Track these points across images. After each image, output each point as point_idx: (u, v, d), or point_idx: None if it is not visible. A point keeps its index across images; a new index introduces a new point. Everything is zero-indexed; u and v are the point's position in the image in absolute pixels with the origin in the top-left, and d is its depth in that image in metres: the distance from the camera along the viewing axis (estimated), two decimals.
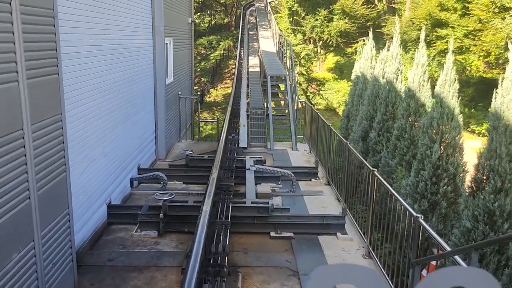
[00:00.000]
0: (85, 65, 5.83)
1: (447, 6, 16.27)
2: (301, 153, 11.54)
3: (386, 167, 7.26)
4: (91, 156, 6.13)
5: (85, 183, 5.94)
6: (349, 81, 26.75)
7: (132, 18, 8.41)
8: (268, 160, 10.57)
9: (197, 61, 42.62)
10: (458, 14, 16.07)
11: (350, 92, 11.16)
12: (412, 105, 7.01)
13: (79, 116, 5.65)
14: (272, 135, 11.91)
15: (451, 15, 16.03)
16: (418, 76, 7.04)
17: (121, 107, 7.82)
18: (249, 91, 16.58)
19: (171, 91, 11.34)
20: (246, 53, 24.02)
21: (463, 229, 4.85)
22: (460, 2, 15.90)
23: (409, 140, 6.93)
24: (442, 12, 16.23)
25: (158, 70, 10.03)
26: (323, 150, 9.66)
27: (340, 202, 7.80)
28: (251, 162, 8.76)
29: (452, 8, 16.20)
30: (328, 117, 24.22)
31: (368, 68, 9.80)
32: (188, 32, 14.35)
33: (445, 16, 16.06)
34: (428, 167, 5.73)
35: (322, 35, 28.00)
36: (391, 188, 5.45)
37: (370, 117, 8.67)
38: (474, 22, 15.15)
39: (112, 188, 7.20)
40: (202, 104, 29.76)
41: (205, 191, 5.64)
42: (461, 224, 4.90)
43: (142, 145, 9.20)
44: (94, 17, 6.17)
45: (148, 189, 8.39)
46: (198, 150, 11.53)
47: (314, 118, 10.81)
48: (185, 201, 6.68)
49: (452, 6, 16.13)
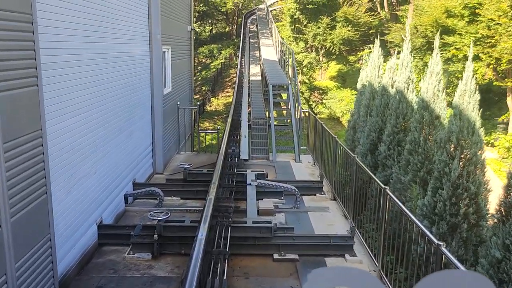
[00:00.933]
0: (72, 75, 5.39)
1: (454, 12, 15.83)
2: (304, 165, 11.07)
3: (398, 184, 6.77)
4: (79, 174, 5.68)
5: (73, 203, 5.48)
6: (352, 90, 26.33)
7: (127, 25, 8.01)
8: (271, 173, 10.11)
9: (198, 70, 42.40)
10: (466, 21, 15.65)
11: (355, 102, 10.69)
12: (426, 117, 6.52)
13: (64, 130, 5.20)
14: (274, 146, 11.45)
15: (458, 22, 15.59)
16: (432, 86, 6.56)
17: (114, 119, 7.39)
18: (251, 100, 16.17)
19: (169, 101, 10.91)
20: (247, 61, 23.67)
21: (491, 259, 4.36)
22: (467, 8, 15.48)
23: (423, 155, 6.43)
24: (449, 19, 15.78)
25: (155, 79, 9.61)
26: (328, 163, 9.19)
27: (347, 219, 7.32)
28: (253, 176, 8.30)
29: (459, 14, 15.78)
30: (331, 127, 23.76)
31: (375, 76, 9.32)
32: (188, 40, 13.97)
33: (452, 22, 15.60)
34: (447, 186, 5.24)
35: (324, 43, 27.50)
36: (405, 207, 4.98)
37: (379, 129, 8.18)
38: (483, 29, 14.71)
39: (104, 206, 6.74)
40: (203, 114, 29.38)
41: (201, 214, 5.16)
42: (489, 253, 4.41)
43: (138, 159, 8.76)
44: (83, 23, 5.75)
45: (144, 205, 7.92)
46: (198, 162, 11.08)
47: (318, 128, 10.36)
48: (182, 221, 6.21)
49: (459, 12, 15.70)
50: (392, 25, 24.23)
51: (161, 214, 6.14)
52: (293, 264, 5.90)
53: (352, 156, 6.61)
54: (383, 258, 5.49)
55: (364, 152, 8.36)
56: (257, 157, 11.60)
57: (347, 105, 24.54)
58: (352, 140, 10.05)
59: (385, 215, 5.29)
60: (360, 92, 10.23)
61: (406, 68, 7.63)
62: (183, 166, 8.58)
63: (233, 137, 10.78)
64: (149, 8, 9.25)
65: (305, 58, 28.95)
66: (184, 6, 13.25)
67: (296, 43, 30.20)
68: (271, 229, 6.01)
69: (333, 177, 8.36)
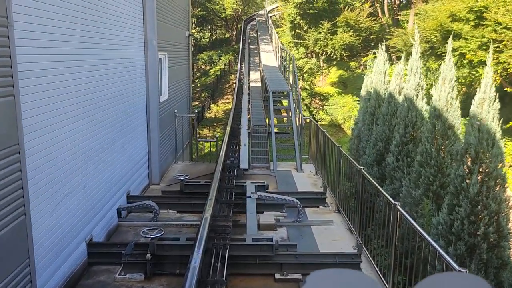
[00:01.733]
0: (56, 84, 5.01)
1: (459, 16, 15.39)
2: (306, 174, 10.67)
3: (409, 198, 6.35)
4: (65, 190, 5.28)
5: (58, 221, 5.09)
6: (354, 96, 25.93)
7: (120, 30, 7.66)
8: (271, 183, 9.71)
9: (197, 76, 42.14)
10: (471, 25, 15.23)
11: (360, 110, 10.27)
12: (439, 127, 6.09)
13: (47, 144, 4.82)
14: (275, 155, 11.06)
15: (463, 26, 15.15)
16: (445, 93, 6.13)
17: (106, 129, 7.01)
18: (250, 107, 15.81)
19: (166, 109, 10.54)
20: (247, 67, 23.33)
21: None
22: (473, 12, 15.06)
23: (435, 168, 6.01)
24: (454, 23, 15.34)
25: (151, 87, 9.24)
26: (331, 173, 8.80)
27: (353, 233, 6.91)
28: (253, 188, 7.90)
29: (464, 18, 15.35)
30: (333, 133, 23.35)
31: (381, 83, 8.89)
32: (186, 46, 13.62)
33: (457, 27, 15.16)
34: (465, 203, 4.81)
35: (325, 49, 26.98)
36: (416, 223, 4.58)
37: (386, 138, 7.75)
38: (489, 33, 14.28)
39: (95, 221, 6.34)
40: (202, 120, 29.01)
41: (196, 236, 4.74)
42: None
43: (132, 170, 8.37)
44: (69, 28, 5.38)
45: (138, 219, 7.53)
46: (196, 172, 10.69)
47: (320, 137, 9.97)
48: (176, 238, 5.80)
49: (464, 16, 15.27)
50: (394, 30, 23.81)
51: (154, 231, 5.74)
52: (296, 284, 5.50)
53: (358, 167, 6.21)
54: (393, 278, 5.09)
55: (370, 163, 7.92)
56: (257, 166, 11.21)
57: (349, 112, 24.08)
58: (357, 150, 9.62)
59: (396, 232, 4.89)
60: (365, 99, 9.80)
61: (415, 74, 7.21)
62: (180, 177, 8.18)
63: (232, 146, 10.36)
64: (144, 13, 8.90)
65: (306, 64, 28.40)
66: (181, 11, 12.92)
67: (296, 49, 29.66)
68: (273, 247, 5.61)
69: (337, 188, 7.96)
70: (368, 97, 9.49)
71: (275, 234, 6.95)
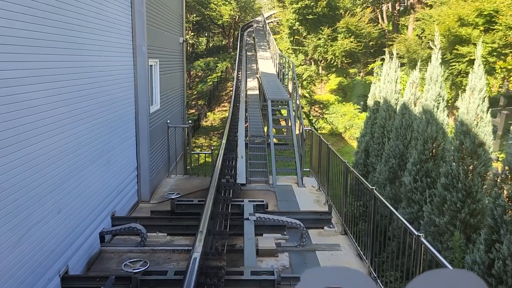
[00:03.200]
0: (26, 95, 4.31)
1: (468, 21, 14.68)
2: (308, 189, 9.96)
3: (431, 227, 5.60)
4: (34, 217, 4.56)
5: (24, 256, 4.35)
6: (355, 104, 25.23)
7: (105, 35, 6.98)
8: (271, 200, 9.00)
9: (194, 83, 41.53)
10: (480, 30, 14.55)
11: (367, 120, 9.54)
12: (467, 144, 5.34)
13: (15, 164, 4.11)
14: (274, 169, 10.34)
15: (472, 31, 14.45)
16: (474, 105, 5.37)
17: (88, 144, 6.30)
18: (248, 115, 15.13)
19: (157, 120, 9.83)
20: (244, 75, 22.69)
21: None
22: (482, 16, 14.37)
23: (464, 192, 5.27)
24: (463, 28, 14.62)
25: (140, 96, 8.53)
26: (336, 189, 8.09)
27: (362, 260, 6.19)
28: (251, 207, 7.19)
29: (473, 23, 14.66)
30: (334, 143, 22.63)
31: (392, 92, 8.12)
32: (179, 53, 12.93)
33: (466, 32, 14.45)
34: (508, 239, 4.07)
35: (326, 55, 26.16)
36: (444, 259, 3.86)
37: (400, 154, 6.98)
38: (499, 39, 13.62)
39: (73, 250, 5.60)
40: (199, 129, 28.31)
41: (183, 279, 3.99)
42: None
43: (118, 188, 7.64)
44: (44, 32, 4.68)
45: (123, 244, 6.80)
46: (189, 188, 9.97)
47: (323, 149, 9.28)
48: (163, 272, 5.07)
49: (473, 20, 14.57)
50: (396, 36, 23.13)
51: (138, 263, 5.01)
52: None
53: (370, 187, 5.50)
54: None
55: (382, 182, 7.15)
56: (256, 180, 10.50)
57: (350, 120, 23.30)
58: (364, 164, 8.88)
59: (419, 268, 4.17)
60: (373, 109, 9.05)
61: (435, 83, 6.47)
62: (171, 195, 7.44)
63: (228, 162, 9.61)
64: (133, 17, 8.22)
65: (305, 71, 27.58)
66: (175, 16, 12.25)
67: (295, 56, 28.84)
68: (274, 283, 4.89)
69: (343, 207, 7.25)
70: (376, 107, 8.73)
71: (276, 261, 6.24)
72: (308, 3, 24.76)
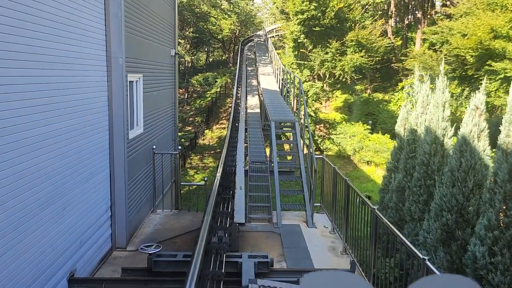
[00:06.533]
0: None
1: (502, 33, 13.09)
2: (320, 231, 8.30)
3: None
4: None
5: None
6: (365, 124, 23.56)
7: (72, 45, 5.42)
8: (275, 247, 7.36)
9: (192, 99, 40.13)
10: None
11: (395, 152, 7.86)
12: None
13: None
14: (279, 204, 8.69)
15: (507, 44, 12.83)
16: None
17: (37, 186, 4.72)
18: (248, 135, 13.53)
19: (139, 147, 8.21)
20: (244, 91, 21.16)
21: None
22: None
23: None
24: (496, 41, 13.02)
25: (116, 119, 6.94)
26: (358, 239, 6.44)
27: None
28: (251, 267, 5.52)
29: (506, 35, 13.06)
30: (341, 166, 20.92)
31: (438, 120, 6.35)
32: (170, 67, 11.38)
33: (500, 45, 12.84)
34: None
35: (334, 71, 24.40)
36: None
37: (459, 207, 5.26)
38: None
39: None
40: (195, 148, 26.72)
41: None
42: None
43: (83, 237, 5.99)
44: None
45: None
46: (177, 227, 8.30)
47: (339, 184, 7.65)
48: None
49: (507, 32, 12.98)
50: (410, 50, 21.57)
51: None
52: None
53: (421, 257, 3.85)
54: None
55: (432, 244, 5.40)
56: (257, 218, 8.85)
57: (360, 142, 21.46)
58: (396, 209, 7.18)
59: None
60: (407, 140, 7.26)
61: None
62: (147, 250, 5.77)
63: (223, 203, 7.89)
64: (107, 21, 6.66)
65: (311, 87, 25.70)
66: (166, 25, 10.73)
67: (300, 71, 27.03)
68: None
69: (372, 268, 5.57)
70: (412, 137, 7.01)
71: None
72: (314, 13, 22.91)
